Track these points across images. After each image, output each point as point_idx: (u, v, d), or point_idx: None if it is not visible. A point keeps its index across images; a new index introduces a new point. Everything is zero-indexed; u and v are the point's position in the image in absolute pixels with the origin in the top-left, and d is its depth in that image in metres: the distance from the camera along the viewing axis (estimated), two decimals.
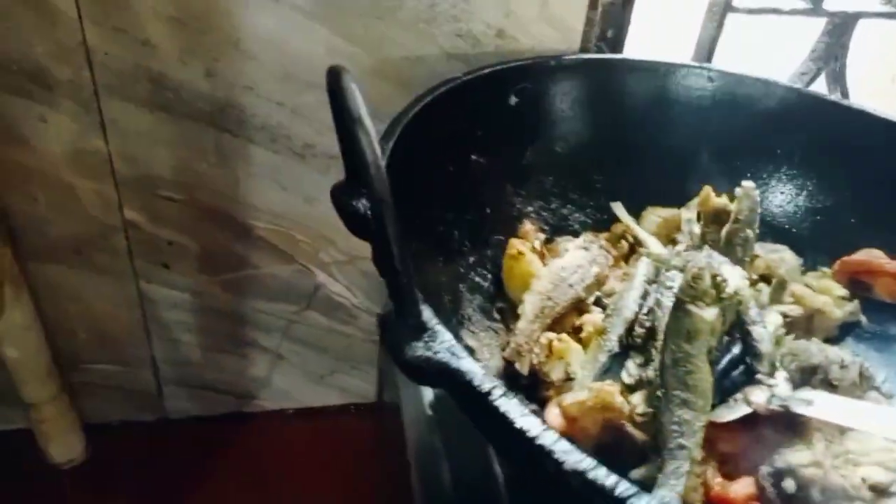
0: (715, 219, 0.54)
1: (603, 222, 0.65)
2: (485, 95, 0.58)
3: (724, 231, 0.53)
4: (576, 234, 0.64)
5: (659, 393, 0.45)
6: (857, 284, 0.61)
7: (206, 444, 0.86)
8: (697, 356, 0.44)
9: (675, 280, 0.49)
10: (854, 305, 0.60)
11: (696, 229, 0.56)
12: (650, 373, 0.48)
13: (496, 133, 0.60)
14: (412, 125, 0.49)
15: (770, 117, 0.65)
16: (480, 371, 0.30)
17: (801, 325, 0.59)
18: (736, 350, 0.49)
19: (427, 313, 0.32)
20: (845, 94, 0.86)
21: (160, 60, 0.59)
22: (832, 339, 0.60)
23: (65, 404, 0.74)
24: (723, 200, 0.54)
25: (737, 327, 0.51)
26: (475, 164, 0.59)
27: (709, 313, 0.45)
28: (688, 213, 0.58)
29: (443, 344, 0.30)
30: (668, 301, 0.50)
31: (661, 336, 0.48)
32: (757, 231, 0.52)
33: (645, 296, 0.53)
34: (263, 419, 0.87)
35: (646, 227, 0.63)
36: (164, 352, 0.78)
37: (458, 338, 0.47)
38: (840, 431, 0.50)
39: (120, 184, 0.64)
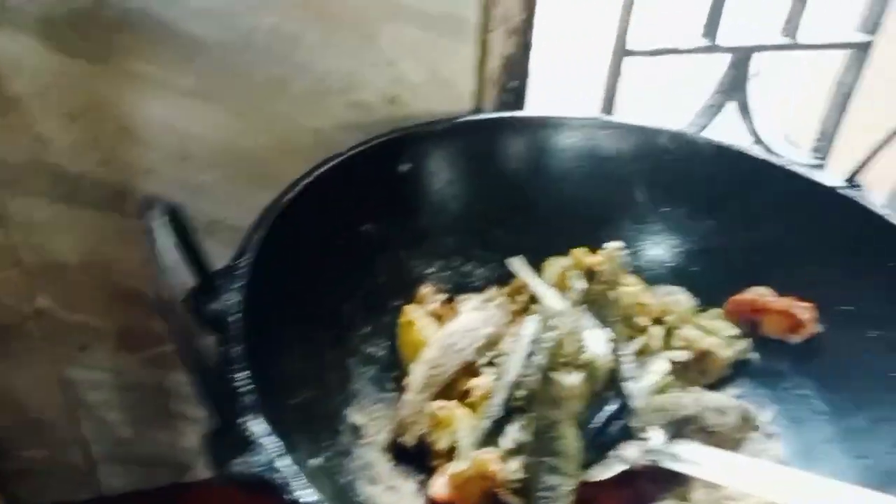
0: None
1: (508, 276, 0.67)
2: (372, 166, 0.60)
3: (590, 292, 0.54)
4: (480, 290, 0.65)
5: (529, 461, 0.47)
6: (748, 323, 0.63)
7: None
8: (563, 422, 0.46)
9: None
10: (744, 344, 0.62)
11: (582, 286, 0.57)
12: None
13: (388, 201, 0.62)
14: (290, 209, 0.50)
15: (659, 164, 0.67)
16: (301, 484, 0.31)
17: (695, 367, 0.61)
18: (612, 407, 0.51)
19: (255, 426, 0.33)
20: (752, 122, 0.88)
21: (55, 153, 0.61)
22: (725, 379, 0.62)
23: None
24: (593, 260, 0.56)
25: (612, 384, 0.52)
26: (366, 234, 0.60)
27: (572, 379, 0.46)
28: (552, 267, 0.60)
29: (263, 458, 0.32)
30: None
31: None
32: (622, 291, 0.54)
33: (531, 355, 0.54)
34: (201, 487, 0.87)
35: (549, 277, 0.65)
36: (92, 431, 0.78)
37: (341, 417, 0.49)
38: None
39: (27, 273, 0.65)
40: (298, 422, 0.42)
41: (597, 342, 0.47)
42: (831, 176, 0.61)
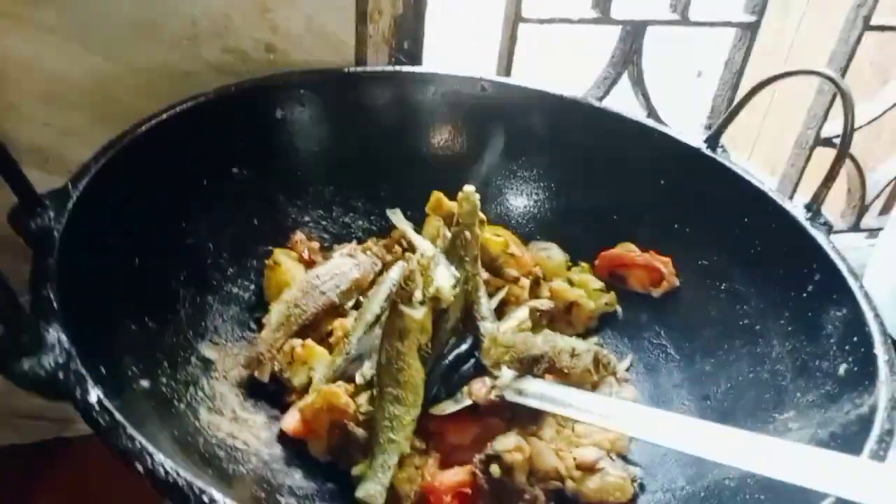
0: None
1: (388, 229, 0.67)
2: (243, 109, 0.60)
3: (448, 233, 0.55)
4: (360, 242, 0.66)
5: (374, 391, 0.47)
6: (616, 277, 0.65)
7: (26, 471, 0.84)
8: (408, 353, 0.47)
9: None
10: (610, 297, 0.64)
11: (446, 232, 0.58)
12: None
13: (262, 146, 0.62)
14: (137, 142, 0.50)
15: (539, 123, 0.68)
16: (89, 382, 0.31)
17: (562, 318, 0.63)
18: (465, 345, 0.52)
19: (51, 328, 0.33)
20: (646, 96, 0.91)
21: None
22: (592, 330, 0.64)
23: None
24: (451, 204, 0.57)
25: (469, 323, 0.53)
26: (238, 176, 0.60)
27: (418, 313, 0.47)
28: (436, 220, 0.61)
29: (54, 357, 0.31)
30: None
31: None
32: (478, 232, 0.55)
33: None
34: (84, 442, 0.85)
35: (428, 232, 0.66)
36: None
37: (192, 349, 0.49)
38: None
39: None
40: (127, 345, 0.42)
41: (443, 277, 0.48)
42: (694, 137, 0.63)
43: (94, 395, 0.30)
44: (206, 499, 0.27)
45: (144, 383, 0.41)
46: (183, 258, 0.53)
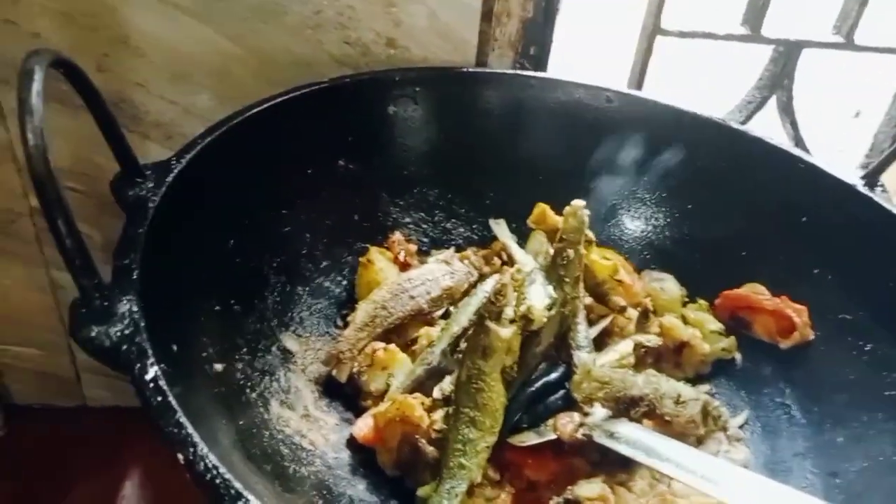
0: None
1: (489, 240, 0.64)
2: (357, 101, 0.59)
3: (552, 250, 0.51)
4: (458, 250, 0.63)
5: (450, 410, 0.44)
6: (738, 320, 0.58)
7: (121, 434, 0.87)
8: (490, 374, 0.43)
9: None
10: (729, 342, 0.57)
11: (550, 249, 0.54)
12: None
13: (371, 141, 0.60)
14: (247, 124, 0.49)
15: (668, 143, 0.62)
16: (151, 359, 0.30)
17: (670, 359, 0.57)
18: (556, 374, 0.47)
19: (125, 298, 0.32)
20: (794, 125, 0.82)
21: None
22: (703, 377, 0.57)
23: None
24: (557, 219, 0.52)
25: (563, 350, 0.49)
26: (343, 169, 0.59)
27: (505, 331, 0.43)
28: (541, 235, 0.56)
29: (121, 328, 0.30)
30: None
31: None
32: (583, 251, 0.50)
33: None
34: None
35: (532, 247, 0.62)
36: None
37: (274, 338, 0.48)
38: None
39: (23, 171, 0.67)
40: (208, 326, 0.41)
41: (538, 296, 0.44)
42: (849, 172, 0.55)
43: (152, 372, 0.29)
44: (241, 503, 0.25)
45: (218, 367, 0.40)
46: (278, 245, 0.52)
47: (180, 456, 0.26)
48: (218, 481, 0.25)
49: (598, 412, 0.46)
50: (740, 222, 0.60)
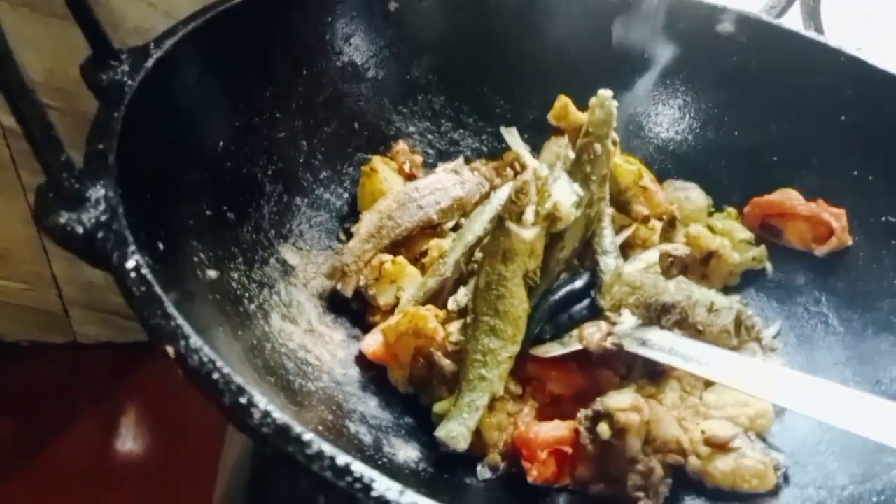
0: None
1: (498, 152, 0.60)
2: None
3: (571, 153, 0.46)
4: (468, 162, 0.58)
5: (468, 319, 0.40)
6: (769, 229, 0.54)
7: (114, 371, 0.84)
8: (511, 279, 0.39)
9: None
10: (759, 251, 0.53)
11: (570, 153, 0.49)
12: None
13: (372, 41, 0.55)
14: (242, 12, 0.44)
15: (695, 38, 0.57)
16: (132, 247, 0.26)
17: (696, 270, 0.53)
18: (581, 282, 0.44)
19: (99, 183, 0.27)
20: (819, 31, 0.77)
21: None
22: (731, 288, 0.53)
23: None
24: (580, 115, 0.48)
25: (587, 256, 0.45)
26: (340, 70, 0.54)
27: (528, 233, 0.39)
28: (555, 145, 0.52)
29: (95, 214, 0.26)
30: None
31: None
32: (611, 147, 0.45)
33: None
34: None
35: (546, 157, 0.57)
36: (64, 271, 0.75)
37: (272, 249, 0.44)
38: (704, 384, 0.44)
39: None
40: (198, 230, 0.37)
41: (563, 193, 0.40)
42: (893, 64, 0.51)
43: (133, 261, 0.25)
44: (243, 399, 0.21)
45: (212, 274, 0.36)
46: (273, 151, 0.47)
47: (170, 349, 0.23)
48: (216, 376, 0.22)
49: (628, 319, 0.42)
50: (771, 125, 0.55)
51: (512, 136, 0.58)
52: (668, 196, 0.56)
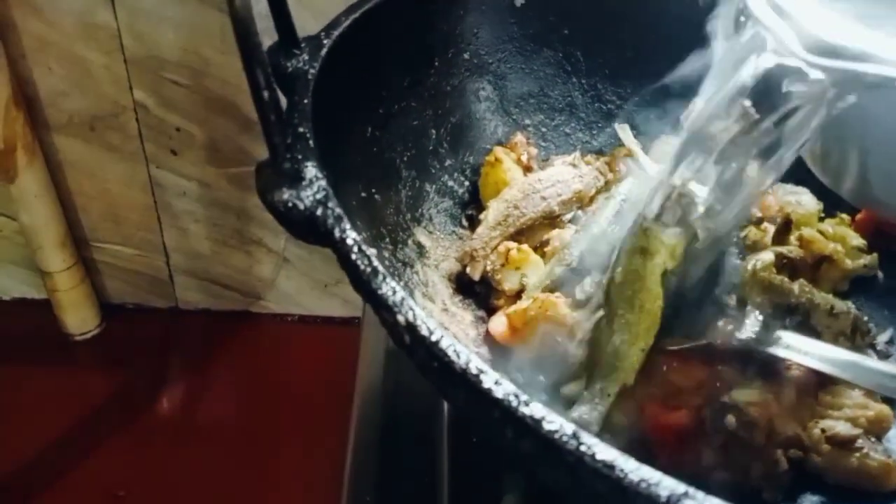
0: None
1: (610, 147, 0.61)
2: None
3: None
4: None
5: (602, 311, 0.42)
6: (881, 236, 0.54)
7: (210, 337, 0.89)
8: (649, 277, 0.41)
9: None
10: (871, 259, 0.54)
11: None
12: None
13: (496, 36, 0.57)
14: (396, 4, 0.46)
15: None
16: (347, 224, 0.28)
17: (806, 275, 0.53)
18: (710, 277, 0.45)
19: (309, 164, 0.30)
20: None
21: None
22: (839, 294, 0.54)
23: (78, 277, 0.78)
24: None
25: (713, 255, 0.46)
26: (467, 63, 0.56)
27: (669, 233, 0.41)
28: (664, 144, 0.53)
29: (313, 192, 0.29)
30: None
31: None
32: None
33: (619, 214, 0.49)
34: (268, 321, 0.89)
35: (655, 156, 0.58)
36: (173, 240, 0.80)
37: (409, 231, 0.46)
38: (817, 385, 0.45)
39: (129, 62, 0.65)
40: (358, 208, 0.40)
41: (701, 194, 0.41)
42: None
43: (352, 237, 0.28)
44: (473, 368, 0.24)
45: (371, 251, 0.39)
46: (408, 138, 0.50)
47: (400, 318, 0.25)
48: (444, 344, 0.24)
49: (755, 317, 0.43)
50: None
51: (625, 132, 0.59)
52: (779, 200, 0.57)
